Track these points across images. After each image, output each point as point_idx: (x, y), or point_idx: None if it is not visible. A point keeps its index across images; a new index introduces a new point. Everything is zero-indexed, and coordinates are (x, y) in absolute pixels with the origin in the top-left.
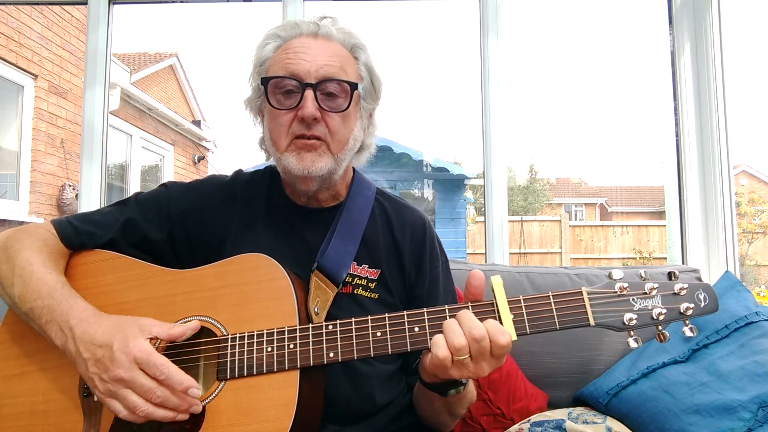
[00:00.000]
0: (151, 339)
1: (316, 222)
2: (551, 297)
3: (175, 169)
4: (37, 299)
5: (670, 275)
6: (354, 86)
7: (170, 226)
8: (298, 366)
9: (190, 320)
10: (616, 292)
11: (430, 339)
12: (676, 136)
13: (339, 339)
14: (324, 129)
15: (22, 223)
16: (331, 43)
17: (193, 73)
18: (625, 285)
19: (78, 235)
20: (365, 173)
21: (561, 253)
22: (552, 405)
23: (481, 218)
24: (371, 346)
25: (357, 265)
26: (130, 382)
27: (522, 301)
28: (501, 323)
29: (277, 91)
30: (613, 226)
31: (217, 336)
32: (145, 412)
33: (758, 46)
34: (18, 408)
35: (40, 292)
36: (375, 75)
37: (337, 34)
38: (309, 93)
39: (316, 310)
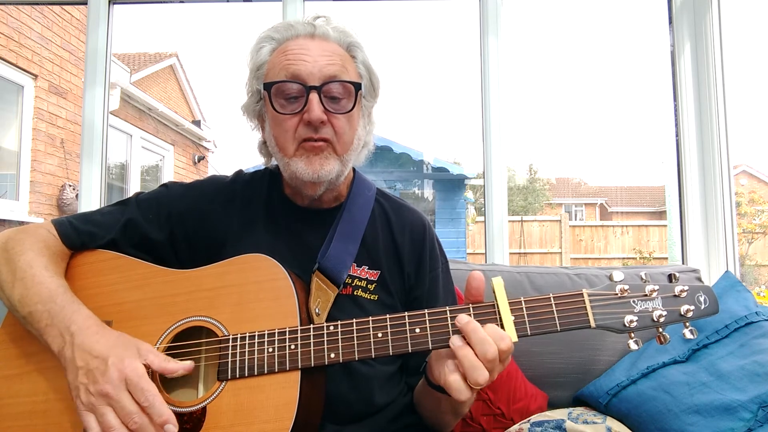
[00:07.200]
0: (144, 364)
1: (316, 223)
2: (552, 298)
3: (175, 169)
4: (38, 303)
5: (671, 277)
6: (358, 86)
7: (170, 227)
8: (299, 366)
9: (191, 320)
10: (616, 294)
11: (431, 341)
12: (676, 136)
13: (340, 340)
14: (330, 131)
15: (22, 223)
16: (328, 43)
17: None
18: (626, 287)
19: (79, 235)
20: (365, 173)
21: (561, 253)
22: (552, 405)
23: (481, 218)
24: (372, 347)
25: (357, 266)
26: (114, 401)
27: (523, 302)
28: (502, 324)
29: (279, 95)
30: (613, 226)
31: (218, 336)
32: None
33: (758, 46)
34: (18, 408)
35: (41, 295)
36: (373, 73)
37: (333, 34)
38: (314, 96)
39: (317, 311)
